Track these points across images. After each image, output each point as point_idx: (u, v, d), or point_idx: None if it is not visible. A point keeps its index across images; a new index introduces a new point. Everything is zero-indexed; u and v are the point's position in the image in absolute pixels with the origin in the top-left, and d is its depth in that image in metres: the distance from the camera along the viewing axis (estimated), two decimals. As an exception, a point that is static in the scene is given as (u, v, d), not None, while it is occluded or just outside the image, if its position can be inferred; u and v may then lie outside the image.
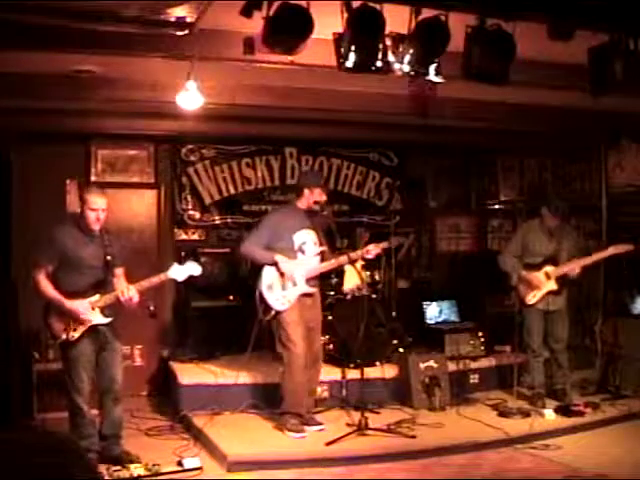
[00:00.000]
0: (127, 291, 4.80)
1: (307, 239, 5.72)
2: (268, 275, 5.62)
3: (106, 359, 4.94)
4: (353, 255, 5.66)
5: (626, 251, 6.09)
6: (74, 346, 4.81)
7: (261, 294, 5.59)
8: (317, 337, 5.80)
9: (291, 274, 5.57)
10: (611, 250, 6.16)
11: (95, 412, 5.06)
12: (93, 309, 4.81)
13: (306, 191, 5.72)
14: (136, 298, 4.83)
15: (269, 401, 5.99)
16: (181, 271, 4.94)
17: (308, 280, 5.64)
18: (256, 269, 5.76)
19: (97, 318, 4.83)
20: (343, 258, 5.68)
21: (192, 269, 4.98)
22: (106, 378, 4.96)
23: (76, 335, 4.79)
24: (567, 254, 6.27)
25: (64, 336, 4.78)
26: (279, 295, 5.60)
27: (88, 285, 4.84)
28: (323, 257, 5.77)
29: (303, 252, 5.70)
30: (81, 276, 4.84)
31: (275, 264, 5.58)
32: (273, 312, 5.58)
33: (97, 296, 4.83)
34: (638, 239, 6.43)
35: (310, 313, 5.72)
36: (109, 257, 4.86)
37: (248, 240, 5.76)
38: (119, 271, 5.01)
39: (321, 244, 5.78)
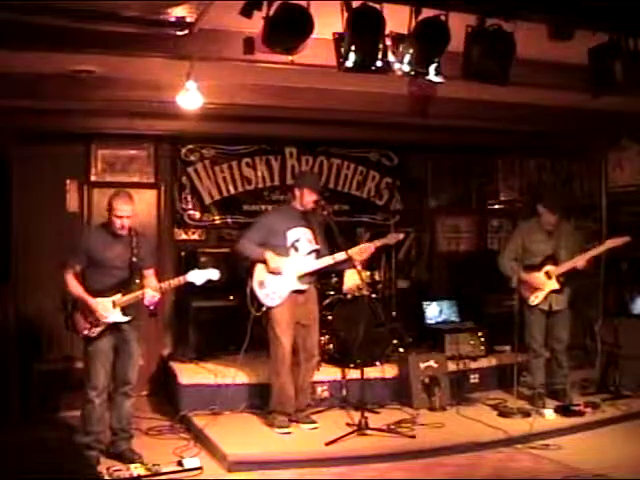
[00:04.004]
0: (148, 291, 4.94)
1: (301, 237, 5.75)
2: (259, 272, 5.69)
3: (122, 358, 5.07)
4: (350, 251, 5.64)
5: (623, 243, 6.06)
6: (94, 342, 4.97)
7: (252, 290, 5.69)
8: (312, 335, 5.79)
9: (281, 271, 5.62)
10: (609, 243, 6.14)
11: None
12: (114, 307, 4.93)
13: (296, 191, 5.80)
14: (156, 298, 4.98)
15: (269, 401, 5.98)
16: (200, 275, 5.03)
17: (301, 277, 5.67)
18: (249, 267, 5.78)
19: (117, 316, 4.95)
20: (340, 254, 5.69)
21: (211, 274, 5.07)
22: (119, 377, 5.09)
23: (97, 331, 4.94)
24: (566, 251, 6.25)
25: (86, 332, 4.95)
26: (269, 291, 5.66)
27: (112, 284, 4.97)
28: (319, 255, 5.78)
29: (296, 249, 5.73)
30: (105, 276, 4.98)
31: (265, 261, 5.63)
32: (264, 308, 5.65)
33: (119, 295, 4.95)
34: (638, 239, 6.44)
35: (303, 310, 5.73)
36: (134, 258, 5.00)
37: (243, 237, 5.84)
38: (149, 272, 5.15)
39: (317, 242, 5.78)
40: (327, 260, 5.74)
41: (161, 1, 4.18)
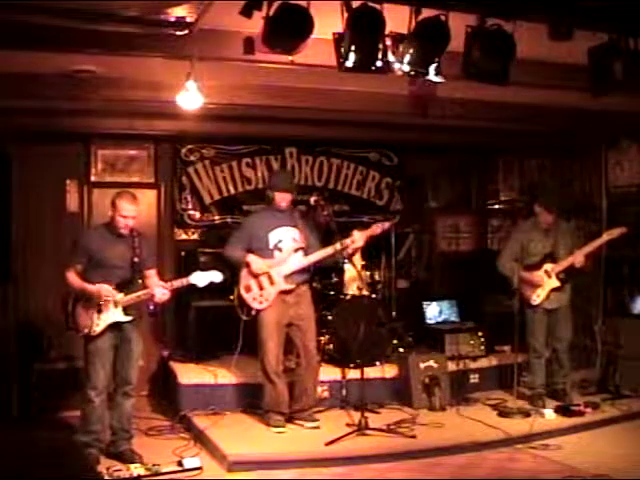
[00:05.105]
0: (158, 290, 4.96)
1: (284, 237, 5.72)
2: (245, 276, 5.69)
3: (122, 358, 5.06)
4: (337, 245, 5.61)
5: (620, 234, 6.07)
6: (94, 341, 4.95)
7: (239, 295, 5.68)
8: (308, 335, 5.75)
9: (264, 273, 5.62)
10: (606, 236, 6.14)
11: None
12: (116, 307, 4.92)
13: (269, 193, 5.81)
14: (166, 296, 5.00)
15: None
16: (202, 277, 5.02)
17: (287, 277, 5.65)
18: (237, 272, 5.78)
19: (119, 316, 4.95)
20: (328, 249, 5.67)
21: (213, 276, 5.06)
22: (119, 377, 5.09)
23: (98, 330, 4.92)
24: (565, 249, 6.26)
25: (86, 330, 4.93)
26: (256, 294, 5.65)
27: (113, 284, 4.95)
28: (306, 253, 5.75)
29: (280, 250, 5.71)
30: (106, 275, 4.96)
31: (247, 265, 5.64)
32: (253, 312, 5.65)
33: (121, 295, 4.94)
34: (638, 239, 6.45)
35: (295, 311, 5.71)
36: (136, 259, 4.99)
37: (228, 243, 5.83)
38: (150, 272, 5.15)
39: (303, 240, 5.73)
40: (314, 257, 5.70)
41: (161, 1, 4.18)
